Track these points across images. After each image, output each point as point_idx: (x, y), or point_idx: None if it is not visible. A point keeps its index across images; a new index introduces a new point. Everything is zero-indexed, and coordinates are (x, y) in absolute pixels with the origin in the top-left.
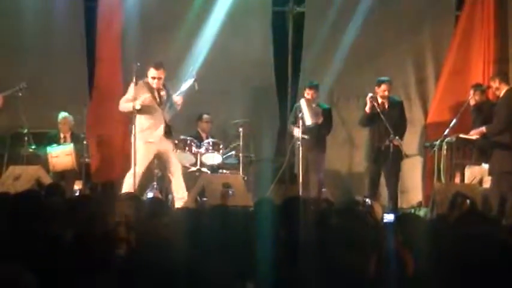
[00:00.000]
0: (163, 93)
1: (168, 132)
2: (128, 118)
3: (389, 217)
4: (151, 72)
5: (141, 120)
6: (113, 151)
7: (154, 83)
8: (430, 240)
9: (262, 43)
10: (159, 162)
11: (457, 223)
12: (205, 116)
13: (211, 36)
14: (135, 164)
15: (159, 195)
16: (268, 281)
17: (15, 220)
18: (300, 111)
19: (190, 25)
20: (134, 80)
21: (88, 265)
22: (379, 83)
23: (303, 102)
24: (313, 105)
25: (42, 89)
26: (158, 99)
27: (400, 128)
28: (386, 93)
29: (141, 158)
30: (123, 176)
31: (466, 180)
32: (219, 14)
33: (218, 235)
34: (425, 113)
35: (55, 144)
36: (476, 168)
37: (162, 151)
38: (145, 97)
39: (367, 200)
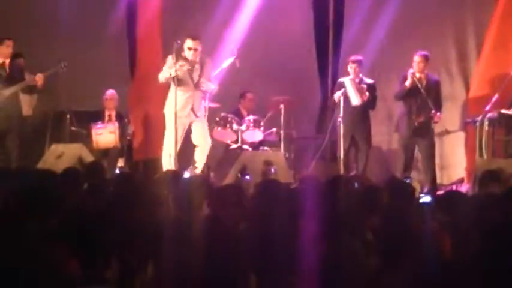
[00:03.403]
0: (197, 66)
1: (194, 109)
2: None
3: (426, 199)
4: (188, 43)
5: (174, 96)
6: (155, 129)
7: (190, 55)
8: (474, 218)
9: (303, 20)
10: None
11: (502, 200)
12: (249, 95)
13: (251, 13)
14: (176, 142)
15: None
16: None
17: None
18: (345, 90)
19: (230, 2)
20: (175, 57)
21: None
22: (415, 56)
23: (347, 82)
24: (357, 81)
25: (84, 68)
26: (193, 73)
27: (436, 105)
28: (421, 65)
29: (174, 134)
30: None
31: None
32: None
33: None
34: (467, 88)
35: (99, 122)
36: None
37: (192, 123)
38: (181, 64)
39: (408, 179)
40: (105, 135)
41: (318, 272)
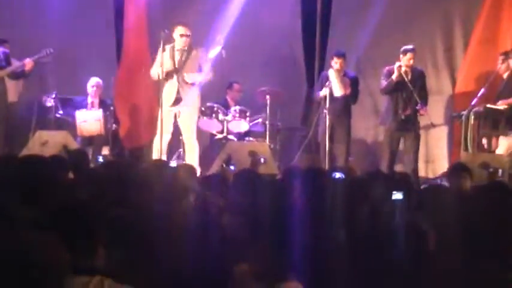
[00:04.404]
0: (185, 56)
1: (177, 100)
2: (155, 85)
3: (397, 196)
4: (180, 29)
5: (163, 87)
6: (140, 117)
7: (182, 42)
8: (452, 211)
9: (291, 12)
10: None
11: (481, 193)
12: (236, 85)
13: (239, 4)
14: (161, 132)
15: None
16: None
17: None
18: (328, 81)
19: None
20: (162, 47)
21: None
22: (405, 52)
23: (331, 73)
24: (341, 74)
25: (70, 55)
26: (177, 63)
27: (422, 98)
28: (411, 61)
29: (164, 124)
30: (151, 143)
31: (503, 151)
32: None
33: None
34: (453, 82)
35: (84, 109)
36: (509, 139)
37: (179, 115)
38: (167, 68)
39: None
40: (90, 122)
41: (303, 262)
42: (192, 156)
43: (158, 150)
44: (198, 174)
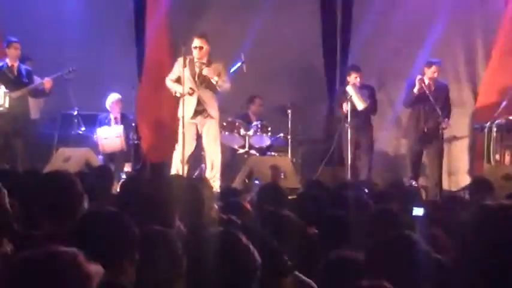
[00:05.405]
0: (202, 68)
1: (198, 112)
2: (176, 98)
3: (418, 211)
4: (194, 42)
5: (183, 99)
6: (162, 132)
7: (196, 53)
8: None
9: (311, 25)
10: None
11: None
12: (257, 100)
13: (260, 18)
14: (183, 146)
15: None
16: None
17: None
18: (349, 97)
19: (239, 7)
20: (182, 61)
21: None
22: (430, 65)
23: (350, 89)
24: (358, 85)
25: (91, 71)
26: (196, 76)
27: (445, 111)
28: (435, 74)
29: (186, 137)
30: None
31: None
32: None
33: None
34: (475, 94)
35: (105, 126)
36: None
37: (200, 129)
38: (190, 92)
39: (413, 182)
40: (111, 139)
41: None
42: (215, 169)
43: (178, 163)
44: (219, 187)
